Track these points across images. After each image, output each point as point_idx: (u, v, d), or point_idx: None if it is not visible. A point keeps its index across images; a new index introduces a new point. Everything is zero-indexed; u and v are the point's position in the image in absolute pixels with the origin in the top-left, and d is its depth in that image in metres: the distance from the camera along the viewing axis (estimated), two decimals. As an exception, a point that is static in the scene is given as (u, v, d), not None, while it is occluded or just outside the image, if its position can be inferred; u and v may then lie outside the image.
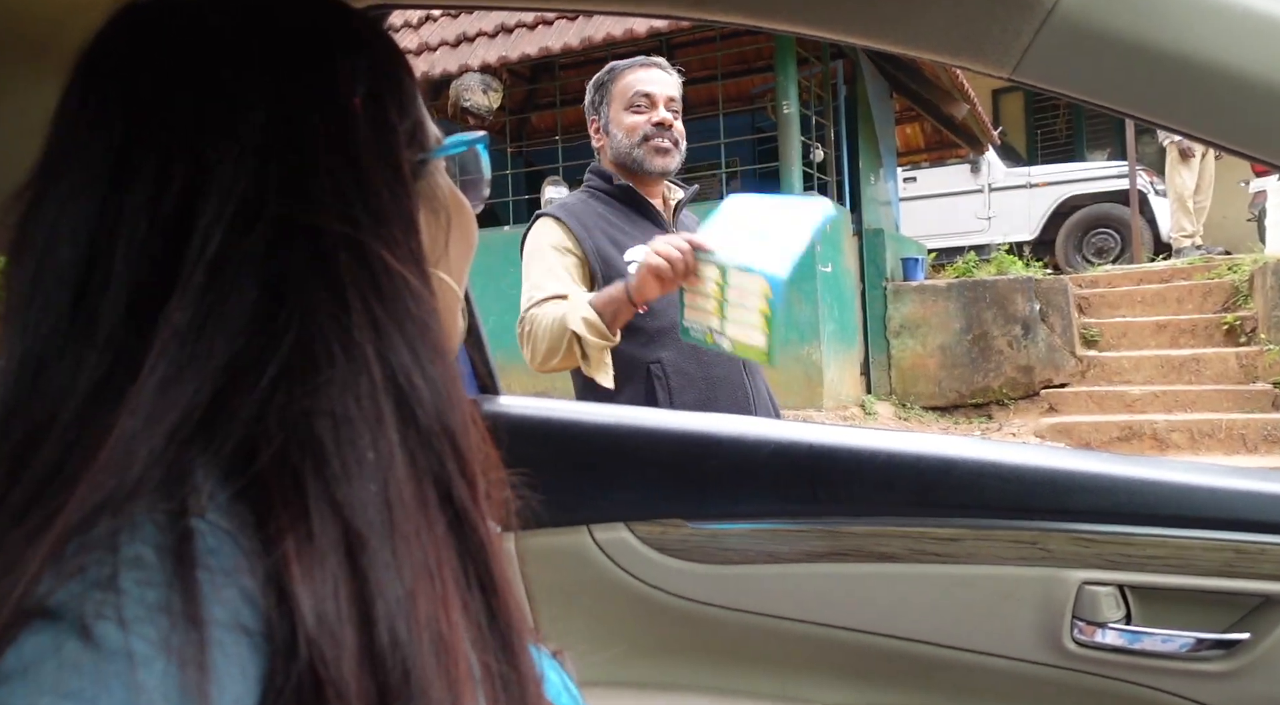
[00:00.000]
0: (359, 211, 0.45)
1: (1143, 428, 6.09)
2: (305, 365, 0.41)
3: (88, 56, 0.48)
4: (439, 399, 0.45)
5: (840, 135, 7.69)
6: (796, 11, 0.79)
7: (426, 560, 0.41)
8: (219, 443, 0.39)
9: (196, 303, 0.41)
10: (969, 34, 0.73)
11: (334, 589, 0.38)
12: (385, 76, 0.51)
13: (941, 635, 1.06)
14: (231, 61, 0.46)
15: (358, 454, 0.41)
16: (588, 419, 1.26)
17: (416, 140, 0.52)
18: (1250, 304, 6.78)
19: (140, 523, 0.36)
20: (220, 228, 0.42)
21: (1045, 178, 10.15)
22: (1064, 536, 1.02)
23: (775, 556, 1.11)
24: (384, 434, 0.42)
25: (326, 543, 0.38)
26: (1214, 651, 0.98)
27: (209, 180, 0.43)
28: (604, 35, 6.40)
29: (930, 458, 1.09)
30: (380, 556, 0.39)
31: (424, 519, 0.42)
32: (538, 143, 8.41)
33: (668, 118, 1.90)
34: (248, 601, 0.37)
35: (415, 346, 0.44)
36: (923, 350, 7.33)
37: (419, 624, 0.39)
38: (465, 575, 0.44)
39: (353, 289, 0.43)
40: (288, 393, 0.40)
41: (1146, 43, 0.65)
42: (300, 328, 0.42)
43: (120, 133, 0.44)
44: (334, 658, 0.37)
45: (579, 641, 1.17)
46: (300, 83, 0.46)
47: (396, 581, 0.39)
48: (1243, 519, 0.98)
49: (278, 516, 0.38)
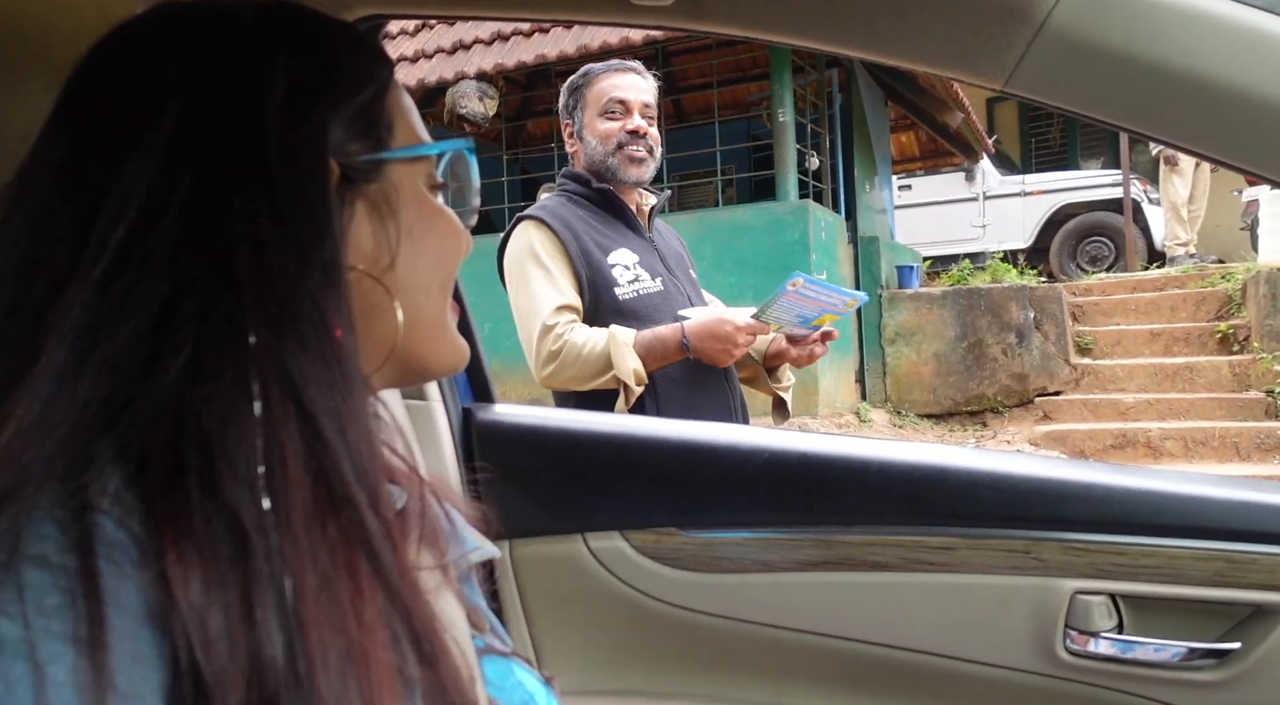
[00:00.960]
0: (261, 210, 0.44)
1: (1137, 436, 6.10)
2: (201, 363, 0.41)
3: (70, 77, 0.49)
4: (336, 403, 0.44)
5: (835, 143, 7.72)
6: (793, 24, 0.79)
7: (318, 563, 0.41)
8: (121, 436, 0.40)
9: (95, 297, 0.41)
10: (962, 47, 0.73)
11: (212, 589, 0.37)
12: (315, 72, 0.49)
13: (935, 644, 1.06)
14: (149, 67, 0.47)
15: (246, 453, 0.40)
16: (583, 427, 1.26)
17: (367, 137, 0.51)
18: (1243, 313, 6.80)
19: (42, 516, 0.36)
20: (122, 225, 0.42)
21: (1039, 186, 10.19)
22: (1057, 546, 1.03)
23: (769, 565, 1.12)
24: (277, 436, 0.41)
25: (208, 541, 0.38)
26: (1206, 661, 0.98)
27: (116, 179, 0.44)
28: (600, 43, 6.42)
29: (924, 467, 1.09)
30: (265, 556, 0.39)
31: (318, 519, 0.42)
32: (533, 150, 8.42)
33: (642, 126, 1.88)
34: (149, 592, 0.37)
35: (313, 351, 0.44)
36: (917, 358, 7.34)
37: (311, 624, 0.39)
38: (370, 580, 0.43)
39: (248, 289, 0.43)
40: (182, 390, 0.41)
41: (1137, 56, 0.65)
42: (199, 325, 0.42)
43: (69, 144, 0.46)
44: (212, 655, 0.36)
45: (573, 649, 1.17)
46: (212, 80, 0.47)
47: (285, 581, 0.39)
48: (1234, 529, 0.99)
49: (163, 513, 0.38)
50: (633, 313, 1.78)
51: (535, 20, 0.91)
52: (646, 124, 1.89)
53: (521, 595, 1.18)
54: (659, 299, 1.81)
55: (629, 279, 1.81)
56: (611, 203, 1.91)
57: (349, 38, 0.54)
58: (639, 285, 1.81)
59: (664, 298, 1.82)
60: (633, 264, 1.83)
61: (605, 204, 1.91)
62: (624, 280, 1.81)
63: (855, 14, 0.76)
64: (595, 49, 6.48)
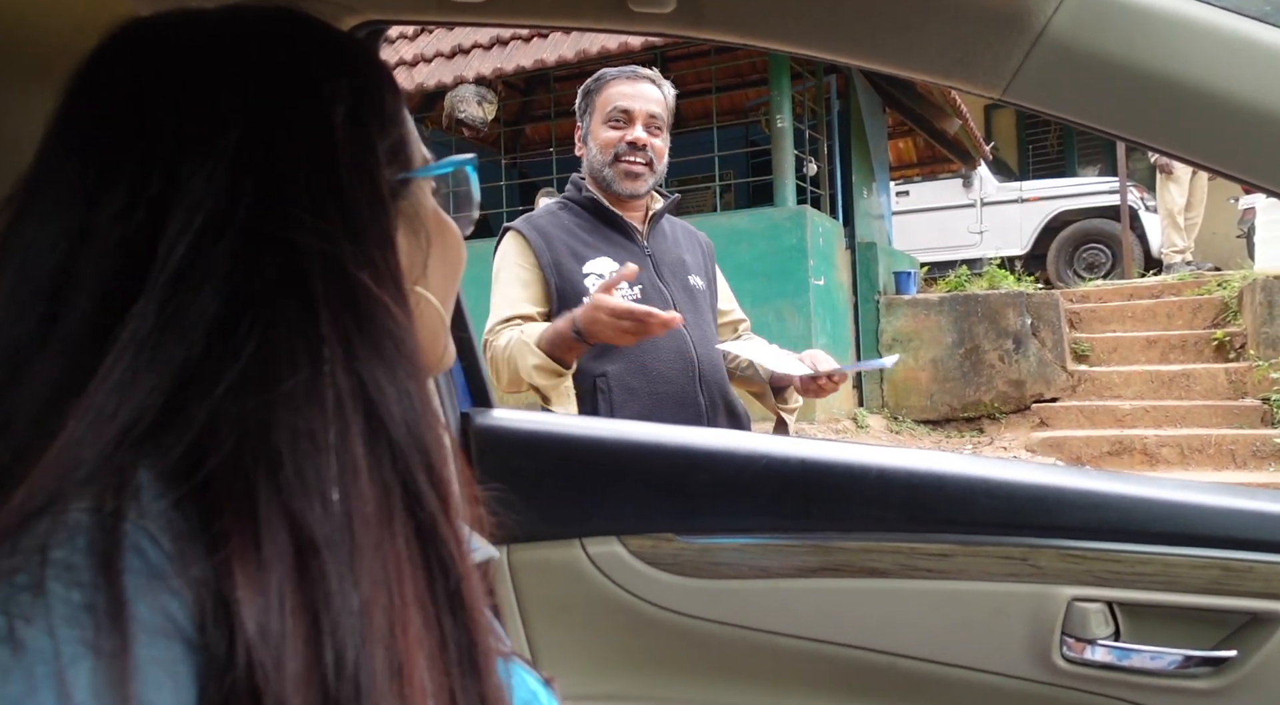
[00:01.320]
0: (336, 227, 0.45)
1: (1133, 443, 6.11)
2: (266, 375, 0.41)
3: (76, 79, 0.49)
4: (411, 414, 0.45)
5: (833, 149, 7.73)
6: (792, 32, 0.80)
7: (386, 576, 0.41)
8: (168, 448, 0.39)
9: (158, 310, 0.41)
10: (960, 56, 0.74)
11: (279, 599, 0.37)
12: (367, 96, 0.51)
13: (932, 651, 1.07)
14: (209, 80, 0.47)
15: (317, 465, 0.40)
16: (581, 432, 1.26)
17: (399, 159, 0.53)
18: (1240, 320, 6.81)
19: (73, 526, 0.36)
20: (185, 239, 0.42)
21: (1037, 193, 10.21)
22: (1054, 553, 1.03)
23: (766, 571, 1.12)
24: (349, 446, 0.42)
25: (274, 552, 0.38)
26: (1202, 669, 0.98)
27: (179, 194, 0.43)
28: (599, 48, 6.42)
29: (921, 473, 1.10)
30: (334, 569, 0.39)
31: (387, 533, 0.42)
32: (532, 154, 8.42)
33: (641, 137, 1.86)
34: (180, 607, 0.37)
35: (390, 362, 0.45)
36: (915, 364, 7.35)
37: (372, 641, 0.39)
38: (431, 592, 0.44)
39: (324, 303, 0.43)
40: (244, 401, 0.40)
41: (1134, 65, 0.66)
42: (262, 338, 0.42)
43: (98, 150, 0.45)
44: (274, 671, 0.36)
45: (570, 655, 1.17)
46: (279, 100, 0.47)
47: (351, 596, 0.39)
48: (1231, 536, 0.99)
49: (224, 523, 0.38)
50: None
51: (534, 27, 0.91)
52: (649, 135, 1.87)
53: (519, 600, 1.18)
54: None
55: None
56: (600, 211, 1.90)
57: (378, 61, 0.55)
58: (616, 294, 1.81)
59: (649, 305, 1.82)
60: (609, 273, 1.82)
61: (595, 212, 1.91)
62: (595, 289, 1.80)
63: (854, 23, 0.76)
64: (594, 54, 6.49)
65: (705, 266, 2.02)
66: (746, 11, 0.80)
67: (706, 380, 1.85)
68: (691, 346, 1.85)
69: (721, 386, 1.88)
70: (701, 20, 0.81)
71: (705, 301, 1.96)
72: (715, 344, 1.91)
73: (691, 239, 2.04)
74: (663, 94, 1.93)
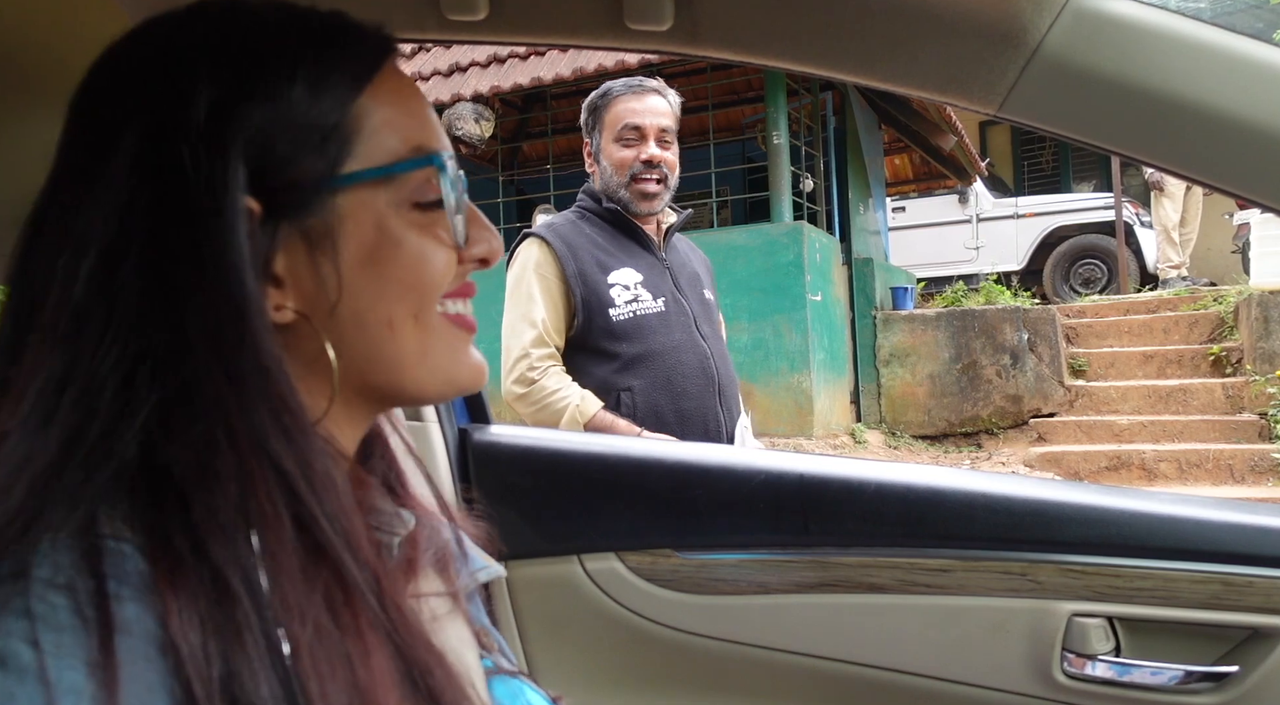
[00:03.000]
0: (201, 258, 0.43)
1: (1131, 457, 6.11)
2: (168, 418, 0.41)
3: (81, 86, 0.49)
4: (294, 449, 0.43)
5: (830, 165, 7.76)
6: (788, 49, 0.80)
7: (314, 612, 0.40)
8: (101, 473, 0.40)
9: (61, 351, 0.42)
10: (956, 72, 0.74)
11: (208, 636, 0.37)
12: (235, 85, 0.46)
13: (931, 666, 1.06)
14: (108, 93, 0.47)
15: (224, 507, 0.40)
16: (579, 448, 1.25)
17: (313, 160, 0.47)
18: (1236, 335, 6.83)
19: (48, 545, 0.37)
20: (82, 276, 0.42)
21: (1032, 208, 10.25)
22: (1053, 568, 1.02)
23: (765, 587, 1.11)
24: (250, 486, 0.41)
25: (200, 591, 0.38)
26: (1203, 684, 0.98)
27: (75, 219, 0.44)
28: (595, 65, 6.46)
29: (920, 488, 1.09)
30: (254, 609, 0.39)
31: (308, 570, 0.41)
32: (529, 171, 8.46)
33: (656, 155, 1.86)
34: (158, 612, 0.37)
35: (260, 399, 0.43)
36: (912, 379, 7.35)
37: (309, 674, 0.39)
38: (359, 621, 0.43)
39: (198, 344, 0.42)
40: (155, 443, 0.41)
41: (1128, 82, 0.66)
42: (163, 380, 0.42)
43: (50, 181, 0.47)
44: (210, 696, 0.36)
45: (569, 671, 1.17)
46: (153, 111, 0.45)
47: (277, 633, 0.39)
48: (1231, 551, 0.98)
49: (158, 560, 0.38)
50: (624, 334, 1.79)
51: (532, 44, 0.91)
52: (662, 150, 1.87)
53: (517, 617, 1.17)
54: (656, 320, 1.82)
55: (627, 299, 1.82)
56: (621, 222, 1.90)
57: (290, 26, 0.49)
58: (637, 306, 1.82)
59: (662, 318, 1.83)
60: (634, 284, 1.83)
61: (615, 222, 1.91)
62: (621, 300, 1.81)
63: (850, 39, 0.77)
64: (591, 72, 6.52)
65: (711, 282, 2.04)
66: (743, 28, 0.80)
67: (725, 395, 1.86)
68: (713, 362, 1.85)
69: (737, 402, 1.90)
70: (698, 37, 0.82)
71: (717, 316, 1.97)
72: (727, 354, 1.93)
73: (696, 255, 2.06)
74: (669, 104, 1.92)
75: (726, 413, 1.85)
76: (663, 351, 1.80)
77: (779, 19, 0.77)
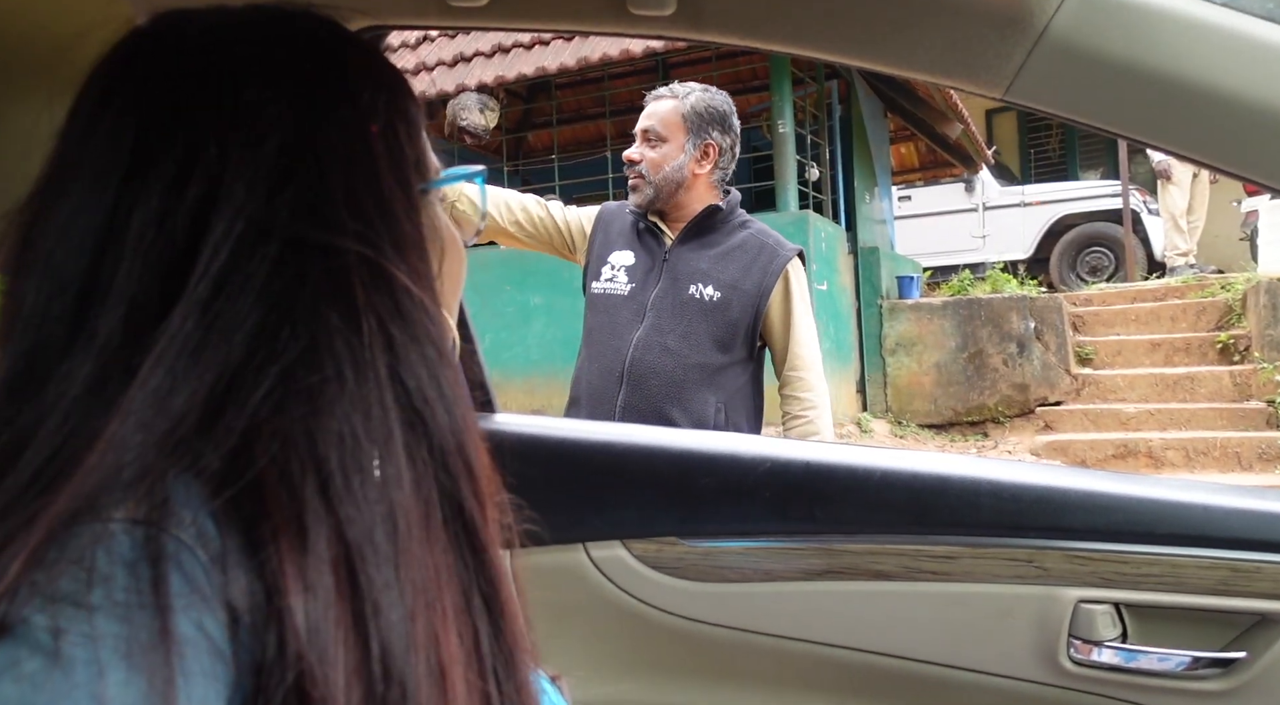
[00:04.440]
0: (380, 236, 0.45)
1: (1138, 446, 6.09)
2: (309, 382, 0.41)
3: (104, 69, 0.47)
4: (454, 421, 0.45)
5: (835, 154, 7.73)
6: (792, 33, 0.80)
7: (428, 582, 0.41)
8: (207, 456, 0.39)
9: (199, 316, 0.41)
10: (962, 56, 0.73)
11: (328, 606, 0.37)
12: (399, 108, 0.51)
13: (937, 654, 1.06)
14: (249, 82, 0.46)
15: (363, 473, 0.40)
16: (583, 436, 1.25)
17: (420, 168, 0.53)
18: (1244, 323, 6.80)
19: (116, 535, 0.36)
20: (228, 245, 0.42)
21: (1039, 197, 10.20)
22: (1060, 554, 1.02)
23: (770, 574, 1.11)
24: (392, 454, 0.42)
25: (323, 560, 0.38)
26: (1211, 670, 0.98)
27: (221, 199, 0.43)
28: (600, 55, 6.43)
29: (926, 475, 1.09)
30: (381, 576, 0.39)
31: (429, 540, 0.42)
32: (534, 162, 8.44)
33: (629, 155, 2.04)
34: (221, 618, 0.36)
35: (433, 368, 0.45)
36: (918, 368, 7.34)
37: (417, 647, 0.39)
38: (468, 598, 0.44)
39: (368, 310, 0.43)
40: (287, 409, 0.40)
41: (1136, 64, 0.66)
42: (306, 345, 0.41)
43: (130, 145, 0.44)
44: (324, 676, 0.36)
45: (574, 659, 1.17)
46: (320, 107, 0.47)
47: (398, 603, 0.39)
48: (1238, 537, 0.98)
49: (273, 532, 0.38)
50: (592, 304, 2.05)
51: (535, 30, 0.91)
52: (647, 148, 2.03)
53: (521, 605, 1.17)
54: (617, 301, 2.02)
55: (607, 277, 2.04)
56: (642, 216, 2.09)
57: (398, 69, 0.55)
58: (609, 285, 2.03)
59: (622, 301, 2.01)
60: (620, 266, 2.05)
61: (639, 215, 2.10)
62: (603, 276, 2.05)
63: (855, 23, 0.76)
64: (595, 61, 6.50)
65: (743, 283, 1.99)
66: (747, 13, 0.80)
67: (638, 389, 1.92)
68: (628, 355, 1.95)
69: (657, 397, 1.92)
70: (702, 22, 0.81)
71: (700, 311, 1.96)
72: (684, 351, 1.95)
73: (750, 255, 2.02)
74: (677, 103, 2.04)
75: (628, 405, 1.92)
76: (598, 330, 2.03)
77: (783, 3, 0.76)
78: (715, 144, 2.02)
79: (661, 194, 2.01)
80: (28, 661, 0.32)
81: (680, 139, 2.00)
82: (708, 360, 1.93)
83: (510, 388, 6.58)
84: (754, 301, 1.97)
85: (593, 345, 2.03)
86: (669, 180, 2.00)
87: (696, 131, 2.00)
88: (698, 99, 2.02)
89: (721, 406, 1.94)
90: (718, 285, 1.97)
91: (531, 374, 6.58)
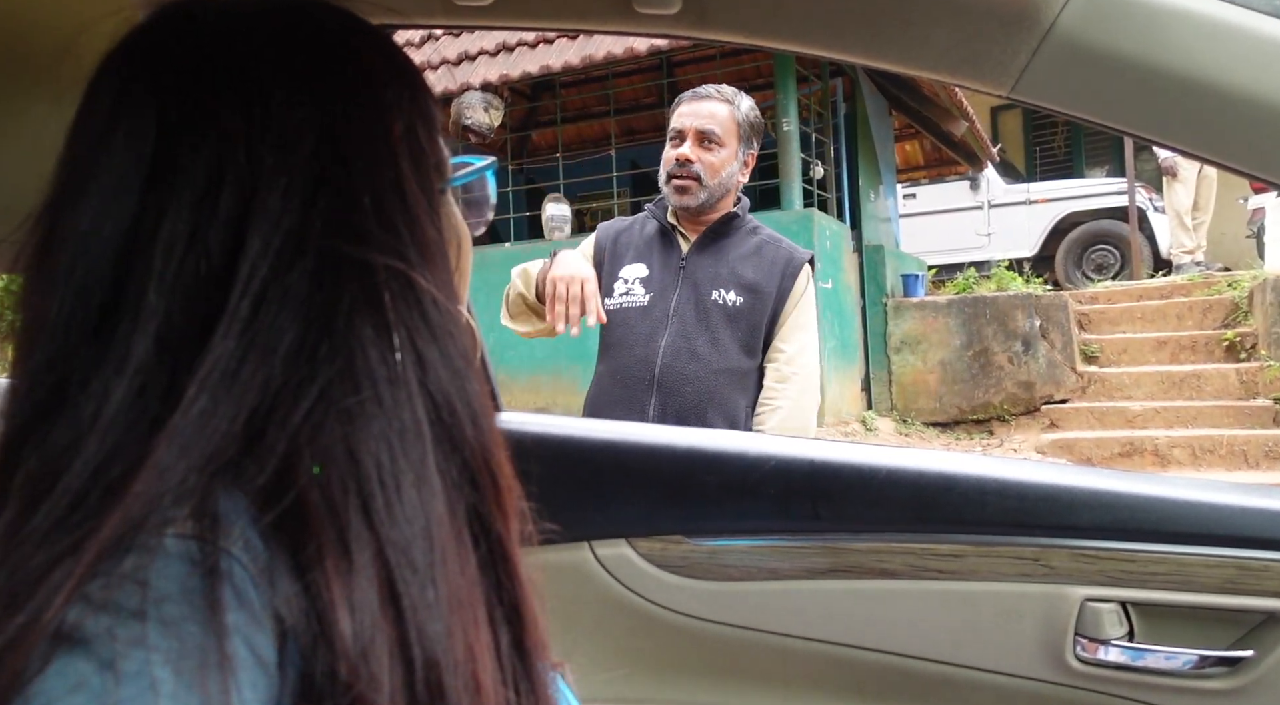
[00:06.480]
0: (407, 246, 0.44)
1: (1144, 444, 6.08)
2: (349, 400, 0.40)
3: (115, 65, 0.45)
4: (480, 433, 0.45)
5: (840, 152, 7.72)
6: (797, 31, 0.79)
7: (462, 597, 0.41)
8: (252, 475, 0.39)
9: (239, 334, 0.40)
10: (968, 53, 0.73)
11: (375, 628, 0.37)
12: (420, 107, 0.49)
13: (943, 652, 1.06)
14: (281, 85, 0.44)
15: (400, 490, 0.40)
16: (588, 435, 1.26)
17: (439, 170, 0.51)
18: (1250, 320, 6.78)
19: (170, 554, 0.36)
20: (266, 261, 0.41)
21: (1044, 194, 10.17)
22: (1066, 553, 1.02)
23: (776, 573, 1.11)
24: (426, 471, 0.41)
25: (367, 579, 0.38)
26: (1217, 669, 0.97)
27: (256, 212, 0.41)
28: (605, 53, 6.43)
29: (931, 474, 1.09)
30: (423, 595, 0.39)
31: (461, 555, 0.42)
32: (539, 160, 8.44)
33: (684, 153, 1.95)
34: (269, 632, 0.36)
35: (461, 381, 0.44)
36: (923, 366, 7.33)
37: (457, 664, 0.39)
38: (493, 608, 0.44)
39: (398, 322, 0.42)
40: (328, 427, 0.40)
41: (1143, 62, 0.65)
42: (344, 362, 0.41)
43: (151, 149, 0.43)
44: (373, 689, 0.36)
45: (579, 657, 1.17)
46: (348, 112, 0.45)
47: (437, 620, 0.39)
48: (1245, 536, 0.98)
49: (318, 553, 0.38)
50: (610, 320, 1.96)
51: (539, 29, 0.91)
52: (702, 150, 1.95)
53: (540, 609, 1.18)
54: (636, 313, 1.96)
55: (621, 291, 1.98)
56: (661, 221, 2.05)
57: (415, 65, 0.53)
58: (624, 299, 1.98)
59: (642, 312, 1.95)
60: (634, 278, 1.99)
61: (656, 219, 2.06)
62: (617, 292, 1.98)
63: (860, 20, 0.76)
64: (600, 59, 6.50)
65: (763, 287, 1.98)
66: (751, 11, 0.80)
67: (669, 396, 1.89)
68: (659, 362, 1.91)
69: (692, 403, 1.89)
70: (706, 20, 0.81)
71: (724, 316, 1.95)
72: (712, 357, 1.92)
73: (767, 261, 2.01)
74: (732, 109, 1.98)
75: (663, 412, 1.89)
76: (619, 343, 1.96)
77: (788, 1, 0.76)
78: (755, 154, 2.03)
79: (713, 199, 1.97)
80: (86, 672, 0.32)
81: (734, 146, 1.97)
82: (735, 365, 1.92)
83: (514, 386, 6.59)
84: (773, 305, 1.97)
85: (615, 358, 1.96)
86: (723, 186, 1.97)
87: (747, 140, 1.99)
88: (750, 107, 2.00)
89: (749, 409, 1.93)
90: (739, 290, 1.96)
91: (535, 373, 6.59)
